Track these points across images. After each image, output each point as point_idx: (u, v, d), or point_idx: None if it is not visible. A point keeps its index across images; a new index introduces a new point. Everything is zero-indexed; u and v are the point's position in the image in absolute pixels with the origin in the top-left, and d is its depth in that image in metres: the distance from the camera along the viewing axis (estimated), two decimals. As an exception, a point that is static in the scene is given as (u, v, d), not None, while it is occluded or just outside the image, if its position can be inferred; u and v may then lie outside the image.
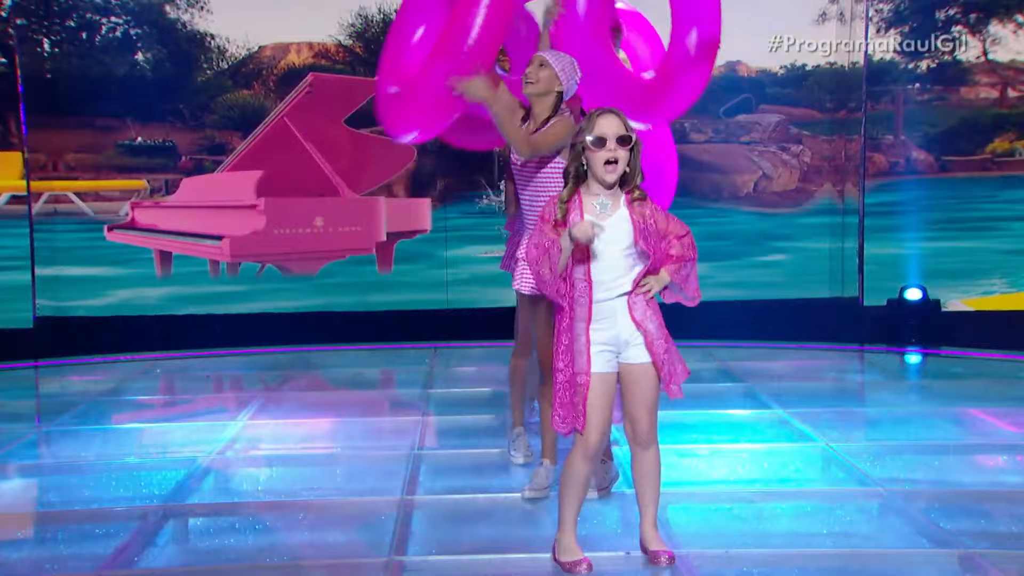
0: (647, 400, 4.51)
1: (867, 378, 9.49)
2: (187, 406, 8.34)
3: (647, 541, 4.66)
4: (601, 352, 4.44)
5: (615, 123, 4.37)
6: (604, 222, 4.34)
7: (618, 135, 4.34)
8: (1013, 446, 6.67)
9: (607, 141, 4.33)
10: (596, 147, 4.34)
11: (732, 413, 7.43)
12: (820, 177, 11.20)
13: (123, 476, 6.19)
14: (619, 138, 4.34)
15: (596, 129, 4.36)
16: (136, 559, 4.92)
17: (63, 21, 10.86)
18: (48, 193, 10.77)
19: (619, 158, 4.35)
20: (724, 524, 5.30)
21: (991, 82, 11.09)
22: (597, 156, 4.35)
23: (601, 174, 4.36)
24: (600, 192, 4.42)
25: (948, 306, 10.69)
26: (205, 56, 10.95)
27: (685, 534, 5.03)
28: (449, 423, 7.32)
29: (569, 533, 4.57)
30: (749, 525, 5.27)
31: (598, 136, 4.34)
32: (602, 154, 4.33)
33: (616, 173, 4.37)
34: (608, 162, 4.34)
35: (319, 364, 9.92)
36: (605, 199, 4.42)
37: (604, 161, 4.34)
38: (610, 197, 4.42)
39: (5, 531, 5.46)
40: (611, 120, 4.37)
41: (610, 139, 4.33)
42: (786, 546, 4.96)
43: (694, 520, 5.33)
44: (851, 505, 5.60)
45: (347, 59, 11.03)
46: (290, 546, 5.17)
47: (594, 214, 4.38)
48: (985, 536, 5.04)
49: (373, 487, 5.89)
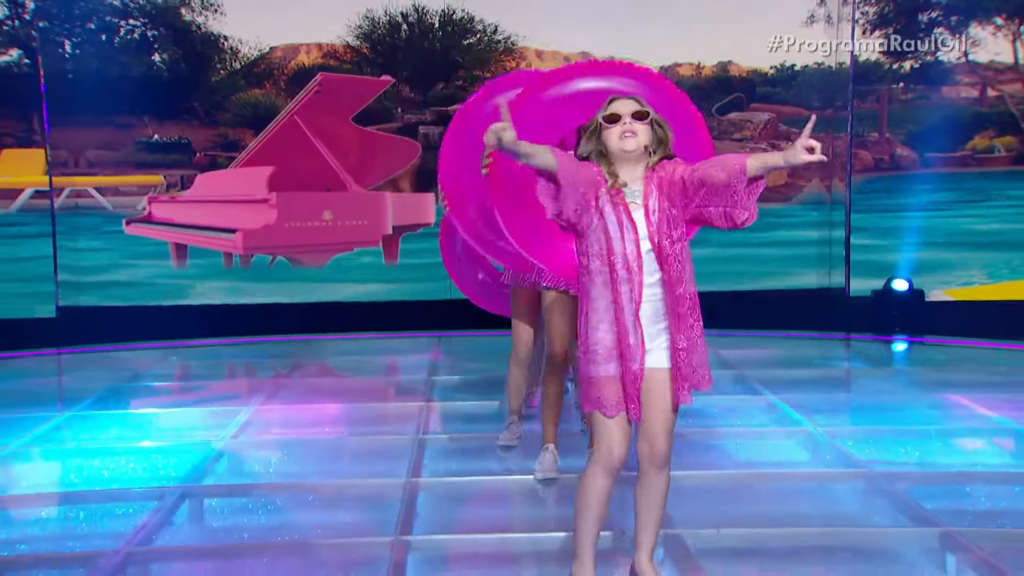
0: (665, 412, 3.88)
1: (853, 365, 9.49)
2: (202, 392, 8.36)
3: (642, 570, 4.03)
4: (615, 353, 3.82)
5: (630, 104, 3.86)
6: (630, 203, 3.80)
7: (633, 111, 3.83)
8: (991, 429, 6.70)
9: (621, 117, 3.82)
10: (609, 123, 3.82)
11: (724, 398, 7.42)
12: (808, 173, 11.19)
13: (142, 458, 6.20)
14: (634, 113, 3.83)
15: (610, 108, 3.86)
16: (155, 537, 4.92)
17: (84, 24, 10.86)
18: (69, 188, 10.78)
19: (636, 130, 3.80)
20: (716, 503, 5.29)
21: (971, 82, 11.09)
22: (612, 131, 3.82)
23: (618, 144, 3.80)
24: (628, 178, 3.83)
25: (931, 296, 10.70)
26: (219, 57, 10.95)
27: (679, 513, 5.02)
28: (452, 409, 7.32)
29: (587, 566, 3.93)
30: (739, 505, 5.28)
31: (611, 114, 3.84)
32: (616, 128, 3.81)
33: (635, 141, 3.80)
34: (625, 134, 3.80)
35: (327, 352, 9.93)
36: (633, 187, 3.84)
37: (620, 134, 3.80)
38: (635, 183, 3.84)
39: (31, 510, 5.49)
40: (626, 102, 3.88)
41: (624, 115, 3.82)
42: (774, 524, 4.96)
43: (687, 500, 5.32)
44: (837, 486, 5.60)
45: (355, 59, 11.03)
46: (300, 526, 5.19)
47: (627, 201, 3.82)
48: (964, 515, 5.05)
49: (379, 470, 5.88)
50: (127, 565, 4.58)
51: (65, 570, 4.51)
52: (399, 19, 11.02)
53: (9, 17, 10.68)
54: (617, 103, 3.86)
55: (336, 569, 4.59)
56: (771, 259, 11.13)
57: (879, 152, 11.19)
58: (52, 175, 10.67)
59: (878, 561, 4.64)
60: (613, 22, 10.73)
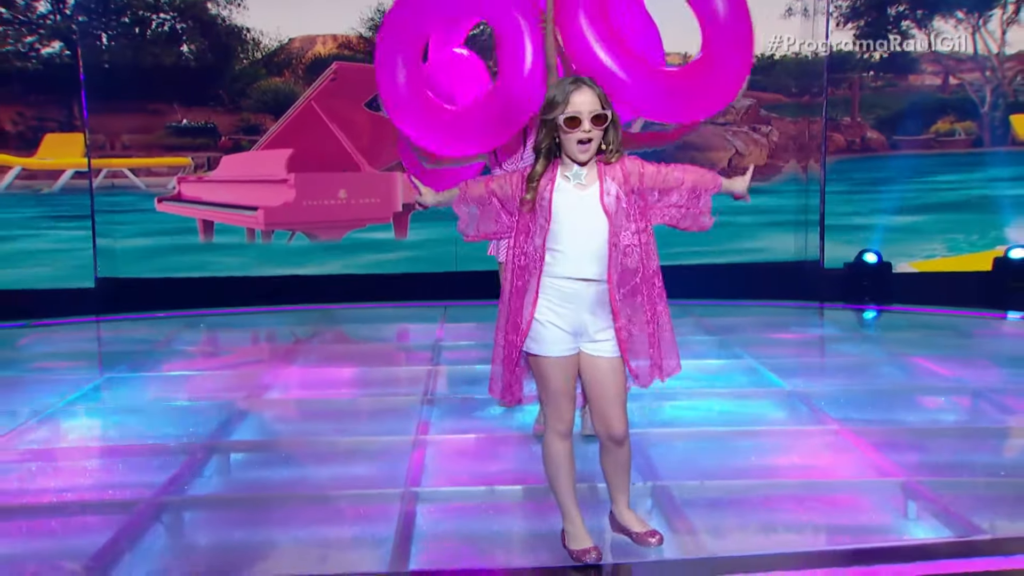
0: (617, 397, 3.81)
1: (826, 331, 9.50)
2: (228, 357, 8.38)
3: (629, 524, 4.01)
4: (559, 333, 3.73)
5: (589, 99, 3.62)
6: (581, 193, 3.66)
7: (593, 113, 3.61)
8: (949, 388, 6.72)
9: (581, 121, 3.61)
10: (569, 127, 3.61)
11: (708, 362, 7.44)
12: (786, 154, 11.18)
13: (173, 416, 6.23)
14: (594, 117, 3.62)
15: (570, 106, 3.61)
16: (186, 487, 4.97)
17: (119, 17, 10.83)
18: (106, 169, 10.78)
19: (593, 138, 3.63)
20: (700, 458, 5.31)
21: (935, 71, 11.06)
22: (571, 136, 3.62)
23: (574, 153, 3.65)
24: (574, 165, 3.70)
25: (898, 268, 10.70)
26: (242, 47, 10.91)
27: (666, 467, 5.06)
28: (456, 372, 7.33)
29: (574, 521, 3.93)
30: (721, 458, 5.29)
31: (572, 115, 3.60)
32: (575, 134, 3.61)
33: (589, 152, 3.65)
34: (581, 141, 3.63)
35: (343, 320, 9.95)
36: (580, 169, 3.68)
37: (577, 140, 3.63)
38: (586, 167, 3.69)
39: (75, 463, 5.52)
40: (585, 95, 3.62)
41: (584, 118, 3.61)
42: (753, 476, 5.00)
43: (673, 455, 5.35)
44: (810, 441, 5.63)
45: (367, 49, 10.97)
46: (318, 478, 5.22)
47: (567, 186, 3.68)
48: (924, 467, 5.07)
49: (390, 428, 5.90)
50: (162, 512, 4.63)
51: (107, 515, 4.54)
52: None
53: (51, 12, 10.66)
54: (577, 98, 3.62)
55: (351, 518, 4.62)
56: (752, 234, 11.12)
57: (851, 135, 11.17)
58: (90, 157, 10.67)
59: (847, 508, 4.68)
60: (606, 15, 10.67)
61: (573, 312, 3.72)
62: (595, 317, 3.73)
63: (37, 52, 10.73)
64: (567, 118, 3.62)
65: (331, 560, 4.26)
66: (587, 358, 3.78)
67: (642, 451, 5.25)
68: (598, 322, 3.74)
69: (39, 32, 10.70)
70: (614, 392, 3.79)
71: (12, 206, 10.65)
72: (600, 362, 3.77)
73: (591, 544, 3.91)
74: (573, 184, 3.69)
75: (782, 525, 4.54)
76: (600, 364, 3.77)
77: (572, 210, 3.67)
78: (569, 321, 3.72)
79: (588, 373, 3.80)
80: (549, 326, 3.72)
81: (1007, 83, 11.00)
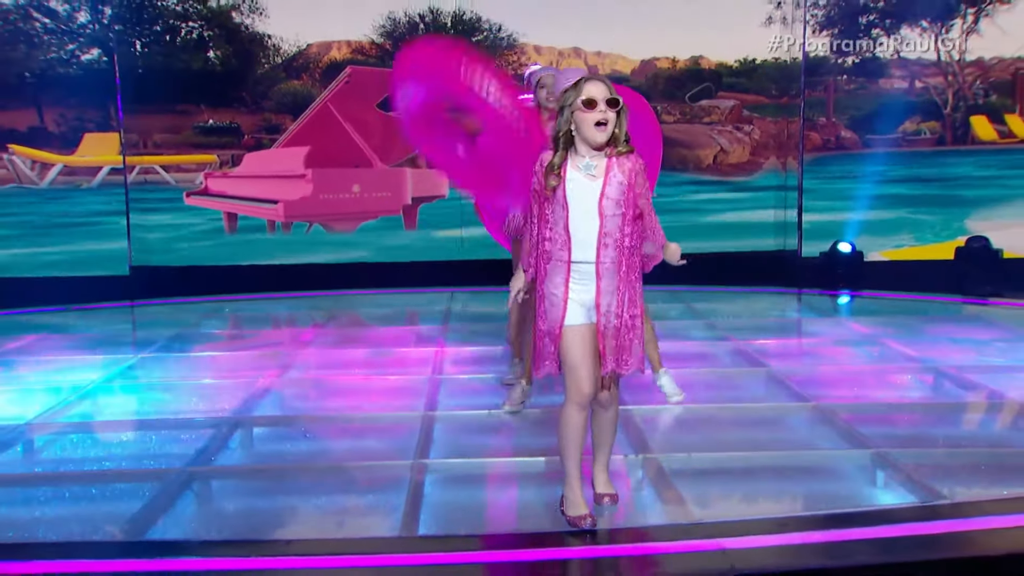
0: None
1: (804, 315, 9.50)
2: (251, 339, 8.38)
3: (595, 483, 4.12)
4: (577, 306, 3.83)
5: (602, 88, 3.75)
6: (589, 184, 3.75)
7: (607, 98, 3.73)
8: (915, 368, 6.71)
9: (597, 103, 3.72)
10: (587, 108, 3.71)
11: (695, 344, 7.46)
12: (767, 151, 11.16)
13: (202, 393, 6.24)
14: (608, 100, 3.72)
15: (585, 92, 3.73)
16: (213, 459, 4.99)
17: (152, 26, 10.82)
18: (139, 166, 10.77)
19: (608, 119, 3.72)
20: (687, 432, 5.33)
21: (902, 75, 11.05)
22: (587, 117, 3.71)
23: (592, 134, 3.72)
24: (587, 154, 3.77)
25: (869, 257, 10.70)
26: (263, 53, 10.89)
27: (656, 441, 5.07)
28: (462, 353, 7.32)
29: (575, 487, 3.95)
30: (707, 433, 5.31)
31: (588, 98, 3.72)
32: (592, 115, 3.71)
33: (606, 133, 3.73)
34: (599, 123, 3.72)
35: (357, 305, 9.95)
36: (591, 161, 3.77)
37: (595, 122, 3.72)
38: (596, 159, 3.77)
39: (112, 434, 5.57)
40: (599, 85, 3.76)
41: (600, 101, 3.71)
42: (736, 449, 5.01)
43: (663, 430, 5.37)
44: (788, 416, 5.65)
45: (379, 54, 10.97)
46: (334, 451, 5.24)
47: (580, 176, 3.76)
48: (892, 439, 5.08)
49: (401, 404, 5.91)
50: (192, 480, 4.66)
51: (140, 484, 4.55)
52: (417, 19, 10.95)
53: (91, 22, 10.67)
54: (590, 86, 3.75)
55: (365, 487, 4.64)
56: (735, 226, 11.12)
57: (827, 134, 11.15)
58: (125, 155, 10.67)
59: (821, 477, 4.71)
60: (600, 23, 10.67)
61: (585, 289, 3.81)
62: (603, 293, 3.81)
63: (77, 58, 10.74)
64: (585, 100, 3.72)
65: (347, 525, 4.29)
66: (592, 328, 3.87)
67: (634, 426, 5.27)
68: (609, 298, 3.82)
69: (79, 40, 10.70)
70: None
71: (55, 199, 10.67)
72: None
73: (587, 511, 3.94)
74: (584, 175, 3.78)
75: (762, 494, 4.56)
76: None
77: (580, 200, 3.77)
78: (583, 297, 3.82)
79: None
80: (569, 302, 3.82)
81: (967, 87, 11.00)
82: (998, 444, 5.18)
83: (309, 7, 10.61)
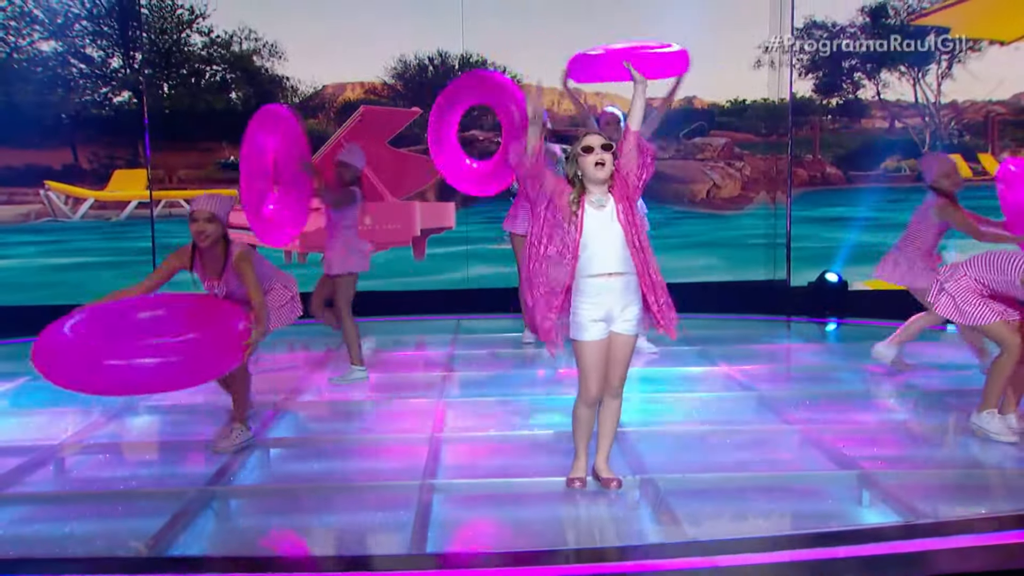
0: (622, 362, 4.52)
1: (793, 342, 9.50)
2: (267, 363, 8.38)
3: (599, 470, 4.67)
4: (595, 324, 4.39)
5: (599, 137, 4.39)
6: (601, 212, 4.34)
7: (602, 144, 4.35)
8: (901, 392, 6.70)
9: (594, 149, 4.34)
10: (585, 153, 4.35)
11: (689, 369, 7.44)
12: (757, 186, 11.20)
13: (221, 415, 6.23)
14: (603, 145, 4.35)
15: (584, 142, 4.37)
16: (232, 477, 4.99)
17: (178, 69, 10.93)
18: (165, 200, 10.83)
19: (605, 160, 4.33)
20: (682, 454, 5.32)
21: (883, 115, 11.12)
22: (587, 160, 4.34)
23: (593, 173, 4.34)
24: (595, 191, 4.38)
25: (855, 286, 10.69)
26: (282, 93, 10.97)
27: (652, 462, 5.05)
28: (468, 377, 7.32)
29: (580, 458, 4.68)
30: (700, 455, 5.30)
31: (586, 145, 4.36)
32: (591, 158, 4.33)
33: (604, 171, 4.34)
34: (597, 163, 4.33)
35: (368, 331, 9.91)
36: (600, 196, 4.38)
37: (594, 163, 4.33)
38: (605, 195, 4.38)
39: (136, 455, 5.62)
40: (595, 136, 4.40)
41: (596, 147, 4.34)
42: (728, 470, 5.01)
43: (659, 451, 5.35)
44: (778, 438, 5.64)
45: (390, 95, 11.04)
46: (346, 471, 5.23)
47: (592, 210, 4.35)
48: (878, 459, 5.08)
49: (409, 426, 5.90)
50: (212, 499, 4.66)
51: (164, 502, 4.55)
52: (426, 62, 11.03)
53: (122, 67, 10.84)
54: (590, 137, 4.40)
55: (375, 506, 4.63)
56: (727, 256, 11.13)
57: (813, 170, 11.19)
58: (152, 190, 10.75)
59: (809, 497, 4.70)
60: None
61: (605, 302, 4.39)
62: (621, 302, 4.41)
63: (110, 100, 10.87)
64: (583, 147, 4.39)
65: (358, 542, 4.28)
66: (612, 334, 4.46)
67: (631, 447, 5.26)
68: (623, 305, 4.41)
69: (112, 84, 10.83)
70: (621, 358, 4.50)
71: (86, 231, 10.75)
72: (619, 338, 4.47)
73: (582, 476, 4.64)
74: (595, 208, 4.38)
75: (753, 513, 4.55)
76: (618, 339, 4.47)
77: (598, 227, 4.36)
78: (602, 311, 4.40)
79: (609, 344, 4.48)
80: (588, 321, 4.41)
81: (943, 127, 11.09)
82: (975, 465, 5.16)
83: (325, 51, 10.70)
